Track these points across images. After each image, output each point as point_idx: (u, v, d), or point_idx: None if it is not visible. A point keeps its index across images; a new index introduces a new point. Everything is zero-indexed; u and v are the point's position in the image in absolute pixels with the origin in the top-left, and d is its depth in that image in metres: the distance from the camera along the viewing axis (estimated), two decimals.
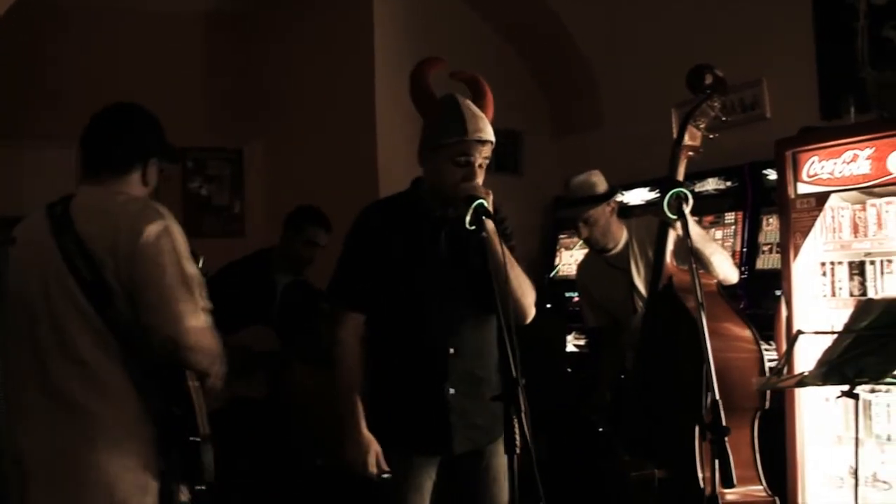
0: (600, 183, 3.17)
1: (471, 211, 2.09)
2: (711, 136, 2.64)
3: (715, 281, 2.73)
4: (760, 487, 2.48)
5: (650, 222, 2.87)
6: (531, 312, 2.37)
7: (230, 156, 5.51)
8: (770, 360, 2.87)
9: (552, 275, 4.94)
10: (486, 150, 2.28)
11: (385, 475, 2.29)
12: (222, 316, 2.14)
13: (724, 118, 2.67)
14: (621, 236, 3.22)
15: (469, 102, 2.30)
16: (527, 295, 2.34)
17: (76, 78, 4.99)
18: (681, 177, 2.60)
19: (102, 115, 2.12)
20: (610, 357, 3.35)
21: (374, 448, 2.30)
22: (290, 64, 5.35)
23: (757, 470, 2.49)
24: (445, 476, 2.41)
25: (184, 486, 2.01)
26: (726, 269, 2.84)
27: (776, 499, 2.49)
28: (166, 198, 2.29)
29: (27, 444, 1.94)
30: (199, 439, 1.93)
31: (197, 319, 1.96)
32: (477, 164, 2.26)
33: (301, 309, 3.75)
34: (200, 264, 2.07)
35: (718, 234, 4.01)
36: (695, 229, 2.58)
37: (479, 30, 5.17)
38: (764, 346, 2.65)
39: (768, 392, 2.46)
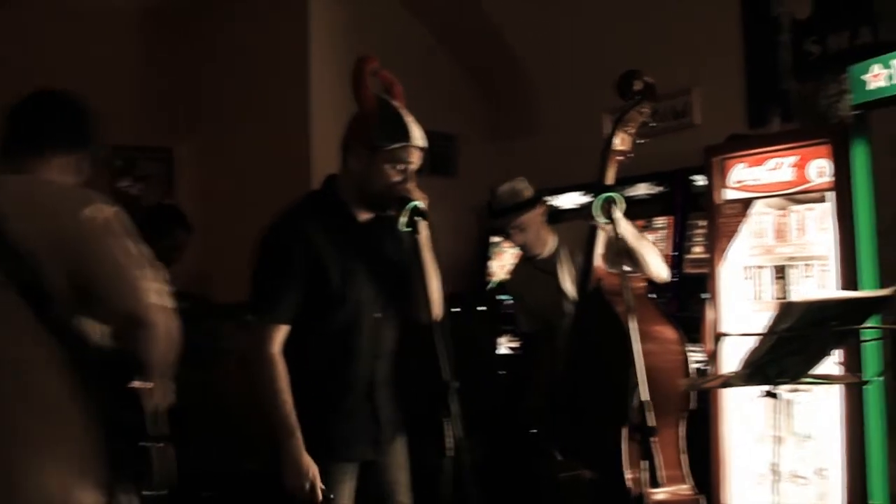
0: (526, 189, 3.18)
1: (407, 213, 2.17)
2: (641, 142, 2.67)
3: (643, 284, 2.77)
4: (686, 486, 2.53)
5: (579, 227, 2.89)
6: (440, 314, 2.37)
7: (161, 155, 5.39)
8: (696, 362, 2.94)
9: (490, 286, 4.94)
10: (421, 156, 2.33)
11: (331, 496, 2.23)
12: None
13: (653, 124, 2.71)
14: (551, 241, 3.25)
15: (404, 108, 2.33)
16: (439, 300, 2.34)
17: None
18: (611, 181, 2.62)
19: (35, 95, 1.97)
20: (543, 360, 3.38)
21: (314, 471, 2.22)
22: (224, 62, 5.26)
23: (682, 469, 2.53)
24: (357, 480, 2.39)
25: (134, 495, 1.87)
26: (658, 266, 2.86)
27: (700, 498, 2.54)
28: None
29: None
30: (149, 444, 1.83)
31: (157, 297, 1.83)
32: (414, 169, 2.31)
33: None
34: None
35: (650, 237, 4.08)
36: (627, 228, 2.61)
37: (416, 33, 5.17)
38: (691, 347, 2.70)
39: (693, 393, 2.51)
